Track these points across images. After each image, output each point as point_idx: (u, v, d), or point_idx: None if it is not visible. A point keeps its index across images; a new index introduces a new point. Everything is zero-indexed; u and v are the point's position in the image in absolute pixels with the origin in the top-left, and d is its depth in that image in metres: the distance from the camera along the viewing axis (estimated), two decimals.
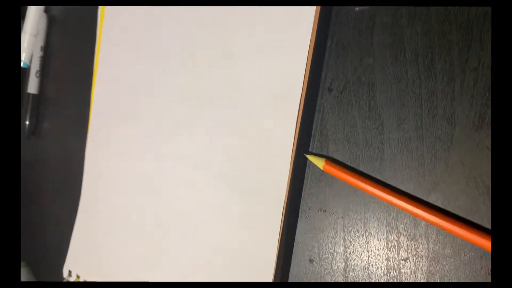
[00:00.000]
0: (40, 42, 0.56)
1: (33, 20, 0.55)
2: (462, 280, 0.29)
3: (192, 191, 0.41)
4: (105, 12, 0.50)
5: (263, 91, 0.37)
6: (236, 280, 0.38)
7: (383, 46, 0.33)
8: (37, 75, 0.56)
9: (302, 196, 0.36)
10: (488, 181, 0.28)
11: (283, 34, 0.36)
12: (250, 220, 0.37)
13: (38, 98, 0.57)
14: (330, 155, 0.34)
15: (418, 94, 0.31)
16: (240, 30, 0.39)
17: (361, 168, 0.33)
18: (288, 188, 0.36)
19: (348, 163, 0.34)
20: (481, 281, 0.28)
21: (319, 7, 0.35)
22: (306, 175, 0.36)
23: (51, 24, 0.57)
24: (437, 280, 0.30)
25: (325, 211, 0.35)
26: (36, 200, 0.57)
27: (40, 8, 0.55)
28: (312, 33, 0.35)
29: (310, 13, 0.35)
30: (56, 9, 0.56)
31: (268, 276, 0.36)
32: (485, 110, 0.29)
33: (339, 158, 0.34)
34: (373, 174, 0.33)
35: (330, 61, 0.35)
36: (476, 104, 0.29)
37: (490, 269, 0.28)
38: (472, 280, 0.28)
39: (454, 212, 0.29)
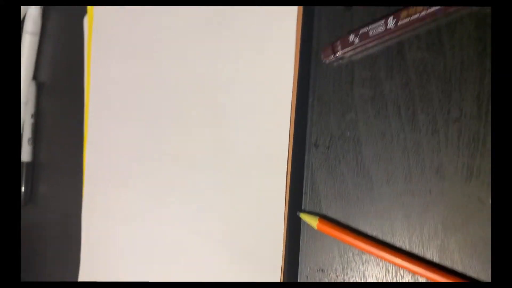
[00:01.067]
0: (31, 109, 0.57)
1: (22, 88, 0.56)
2: None
3: (187, 255, 0.40)
4: (90, 73, 0.51)
5: (251, 151, 0.37)
6: None
7: (364, 100, 0.32)
8: (30, 142, 0.57)
9: (300, 256, 0.35)
10: (482, 233, 0.28)
11: (265, 93, 0.36)
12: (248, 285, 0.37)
13: (32, 165, 0.57)
14: (323, 212, 0.34)
15: (404, 147, 0.31)
16: (225, 91, 0.39)
17: (355, 225, 0.33)
18: (284, 249, 0.35)
19: (342, 220, 0.33)
20: None
21: (297, 64, 0.35)
22: (301, 233, 0.35)
23: (40, 91, 0.57)
24: None
25: (324, 271, 0.34)
26: (35, 267, 0.56)
27: (29, 76, 0.56)
28: (293, 90, 0.35)
29: (289, 70, 0.35)
30: (44, 76, 0.57)
31: None
32: (472, 162, 0.28)
33: (332, 215, 0.34)
34: (367, 230, 0.32)
35: (313, 117, 0.35)
36: (462, 155, 0.29)
37: None
38: None
39: (452, 267, 0.29)
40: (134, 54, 0.46)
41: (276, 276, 0.35)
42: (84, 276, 0.50)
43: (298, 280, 0.35)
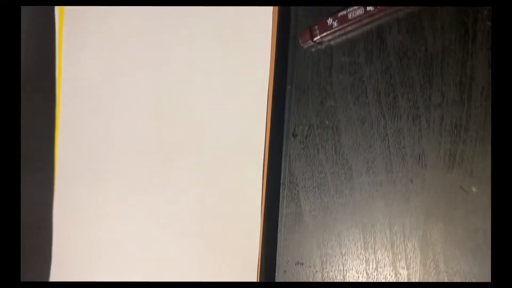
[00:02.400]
0: None
1: None
2: None
3: (164, 250, 0.39)
4: (62, 63, 0.49)
5: (227, 142, 0.36)
6: None
7: (343, 86, 0.31)
8: None
9: (278, 249, 0.34)
10: (465, 222, 0.27)
11: (242, 81, 0.35)
12: (226, 279, 0.35)
13: None
14: (301, 204, 0.33)
15: (384, 135, 0.30)
16: (200, 79, 0.37)
17: (334, 216, 0.31)
18: (261, 242, 0.34)
19: (320, 211, 0.32)
20: None
21: (274, 49, 0.34)
22: (279, 227, 0.34)
23: None
24: None
25: (302, 264, 0.33)
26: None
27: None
28: (270, 76, 0.34)
29: (266, 55, 0.34)
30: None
31: None
32: (454, 148, 0.27)
33: (311, 207, 0.32)
34: (347, 222, 0.31)
35: (291, 106, 0.33)
36: (444, 142, 0.28)
37: None
38: None
39: (434, 258, 0.28)
40: (106, 44, 0.44)
41: (253, 270, 0.34)
42: (55, 274, 0.48)
43: (277, 274, 0.34)
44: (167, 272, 0.38)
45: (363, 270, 0.30)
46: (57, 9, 0.47)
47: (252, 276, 0.34)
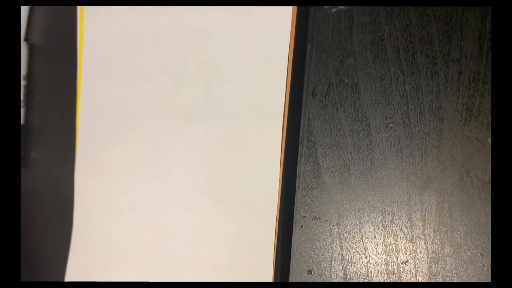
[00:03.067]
0: (22, 71, 0.56)
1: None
2: (464, 279, 0.28)
3: (184, 210, 0.40)
4: (84, 34, 0.50)
5: (247, 103, 0.37)
6: None
7: (363, 45, 0.32)
8: (22, 105, 0.56)
9: (295, 205, 0.35)
10: (481, 175, 0.28)
11: (261, 43, 0.36)
12: (244, 235, 0.36)
13: (24, 127, 0.57)
14: (319, 161, 0.34)
15: (403, 91, 0.30)
16: (218, 44, 0.38)
17: (351, 172, 0.32)
18: (279, 199, 0.35)
19: (338, 168, 0.33)
20: (483, 279, 0.27)
21: (295, 12, 0.34)
22: (297, 183, 0.35)
23: (32, 52, 0.56)
24: (439, 281, 0.29)
25: (319, 219, 0.34)
26: (29, 231, 0.56)
27: (20, 37, 0.55)
28: (290, 38, 0.35)
29: (287, 17, 0.35)
30: (35, 38, 0.56)
31: None
32: (472, 102, 0.28)
33: (329, 164, 0.33)
34: (364, 177, 0.32)
35: (311, 65, 0.34)
36: (462, 96, 0.28)
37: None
38: (474, 278, 0.27)
39: (449, 208, 0.28)
40: (127, 11, 0.45)
41: (271, 225, 0.35)
42: (76, 237, 0.49)
43: (294, 229, 0.35)
44: (185, 230, 0.40)
45: (379, 222, 0.31)
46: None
47: (270, 232, 0.35)
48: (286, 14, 0.35)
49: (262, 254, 0.35)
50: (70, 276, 0.49)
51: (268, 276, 0.35)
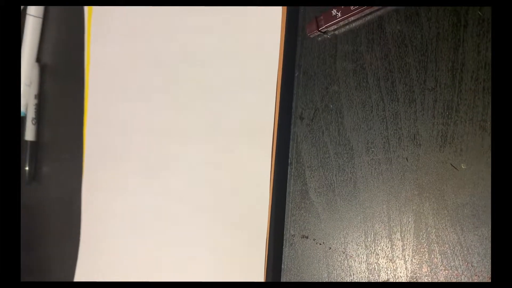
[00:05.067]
0: (34, 90, 0.59)
1: (26, 71, 0.57)
2: None
3: (180, 226, 0.42)
4: (90, 55, 0.53)
5: (239, 124, 0.39)
6: None
7: (346, 73, 0.34)
8: (33, 122, 0.59)
9: (285, 224, 0.36)
10: (455, 199, 0.29)
11: (253, 68, 0.38)
12: (236, 252, 0.38)
13: (35, 144, 0.59)
14: (307, 182, 0.35)
15: (383, 117, 0.32)
16: (214, 66, 0.40)
17: (336, 192, 0.34)
18: (269, 217, 0.36)
19: (324, 189, 0.34)
20: None
21: (283, 38, 0.36)
22: (286, 203, 0.36)
23: (43, 72, 0.59)
24: None
25: (307, 237, 0.35)
26: (39, 244, 0.58)
27: (32, 58, 0.57)
28: (279, 64, 0.36)
29: (275, 44, 0.36)
30: (47, 58, 0.58)
31: None
32: (446, 129, 0.29)
33: (316, 185, 0.35)
34: (348, 198, 0.33)
35: (299, 91, 0.36)
36: (437, 123, 0.30)
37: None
38: None
39: (426, 230, 0.30)
40: (129, 34, 0.47)
41: (262, 242, 0.36)
42: (84, 247, 0.51)
43: (284, 247, 0.36)
44: (180, 246, 0.41)
45: (362, 242, 0.32)
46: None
47: (261, 249, 0.36)
48: (275, 41, 0.36)
49: (253, 270, 0.37)
50: (78, 279, 0.51)
51: None
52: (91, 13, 0.52)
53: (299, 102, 0.36)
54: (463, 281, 0.29)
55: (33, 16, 0.56)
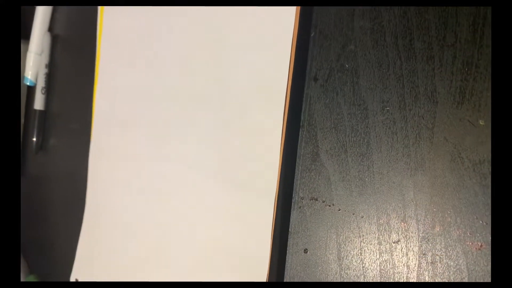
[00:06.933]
0: (45, 60, 0.58)
1: (38, 40, 0.57)
2: (452, 258, 0.28)
3: (188, 190, 0.41)
4: (103, 26, 0.52)
5: (250, 86, 0.38)
6: (232, 275, 0.37)
7: (364, 31, 0.33)
8: (43, 91, 0.58)
9: (294, 186, 0.36)
10: (472, 156, 0.28)
11: (267, 29, 0.37)
12: (244, 215, 0.37)
13: (44, 114, 0.59)
14: (318, 144, 0.35)
15: (399, 75, 0.31)
16: (226, 29, 0.40)
17: (348, 154, 0.33)
18: (278, 180, 0.36)
19: (336, 150, 0.34)
20: (470, 257, 0.27)
21: (299, 7, 0.35)
22: (296, 166, 0.36)
23: (54, 42, 0.59)
24: (429, 260, 0.29)
25: (317, 199, 0.34)
26: (46, 214, 0.58)
27: (44, 27, 0.57)
28: (294, 24, 0.36)
29: (291, 5, 0.36)
30: (58, 28, 0.58)
31: (263, 267, 0.36)
32: (465, 85, 0.29)
33: (327, 147, 0.34)
34: (360, 159, 0.32)
35: (314, 51, 0.35)
36: (456, 79, 0.29)
37: (480, 245, 0.28)
38: (462, 256, 0.28)
39: (441, 189, 0.29)
40: (141, 6, 0.47)
41: (270, 206, 0.36)
42: (87, 220, 0.51)
43: (292, 210, 0.35)
44: (188, 209, 0.41)
45: (373, 203, 0.32)
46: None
47: (269, 211, 0.36)
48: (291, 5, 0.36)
49: (260, 232, 0.36)
50: (81, 250, 0.50)
51: (265, 254, 0.36)
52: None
53: (313, 63, 0.35)
54: (475, 241, 0.28)
55: None
